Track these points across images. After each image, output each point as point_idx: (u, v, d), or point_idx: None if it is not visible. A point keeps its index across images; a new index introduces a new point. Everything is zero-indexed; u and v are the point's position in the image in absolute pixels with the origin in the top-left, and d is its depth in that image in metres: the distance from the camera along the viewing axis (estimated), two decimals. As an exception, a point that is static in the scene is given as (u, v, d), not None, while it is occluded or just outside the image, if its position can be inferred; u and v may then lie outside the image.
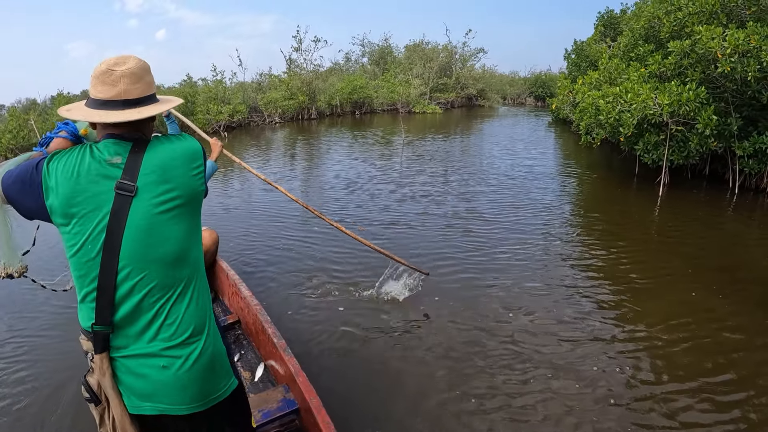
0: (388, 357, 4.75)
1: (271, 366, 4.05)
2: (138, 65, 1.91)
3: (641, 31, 13.32)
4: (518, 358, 4.74)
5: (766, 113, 11.01)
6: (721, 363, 4.66)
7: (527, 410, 4.00)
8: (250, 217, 9.77)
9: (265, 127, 26.21)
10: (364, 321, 5.47)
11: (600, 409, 3.99)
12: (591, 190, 12.21)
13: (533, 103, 46.60)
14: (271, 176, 13.13)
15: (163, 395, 1.88)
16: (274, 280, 6.58)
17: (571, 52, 22.68)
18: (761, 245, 8.16)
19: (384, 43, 44.34)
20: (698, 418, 3.90)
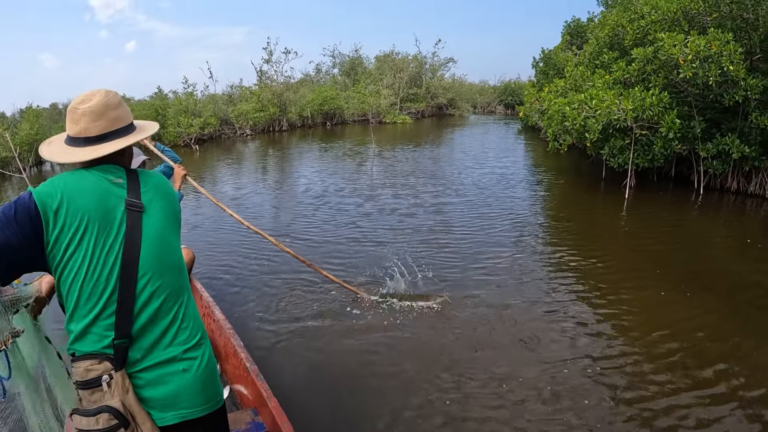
0: (361, 381, 4.57)
1: (237, 389, 4.03)
2: (100, 102, 1.99)
3: (606, 39, 13.61)
4: (494, 374, 4.65)
5: (729, 116, 11.36)
6: (691, 358, 4.81)
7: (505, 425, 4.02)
8: (216, 234, 9.36)
9: (237, 140, 26.14)
10: (335, 343, 5.24)
11: (579, 418, 4.09)
12: (560, 196, 12.43)
13: (503, 111, 47.15)
14: (242, 190, 13.10)
15: (185, 400, 1.92)
16: (243, 300, 6.29)
17: (539, 60, 22.99)
18: (727, 243, 8.42)
19: (354, 54, 44.58)
20: (671, 417, 4.03)
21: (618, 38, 13.23)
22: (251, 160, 19.61)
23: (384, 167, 16.19)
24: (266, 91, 28.95)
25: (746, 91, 9.76)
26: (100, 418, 1.80)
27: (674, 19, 11.25)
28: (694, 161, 12.22)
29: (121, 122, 2.04)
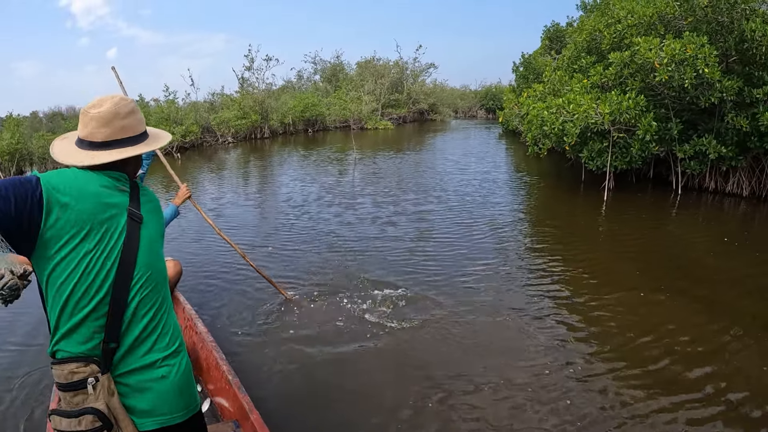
0: (345, 391, 4.49)
1: (218, 401, 3.99)
2: (110, 110, 2.00)
3: (584, 44, 13.82)
4: (476, 380, 4.64)
5: (705, 117, 11.58)
6: (673, 358, 4.91)
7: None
8: (199, 245, 9.02)
9: (218, 147, 26.04)
10: (318, 355, 5.12)
11: (564, 422, 4.17)
12: (541, 199, 12.61)
13: (484, 116, 47.46)
14: (223, 199, 12.94)
15: (164, 406, 1.96)
16: (226, 313, 6.12)
17: (519, 65, 23.21)
18: (705, 242, 8.56)
19: (336, 61, 44.69)
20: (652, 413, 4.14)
21: (595, 43, 13.44)
22: (233, 168, 19.39)
23: (366, 174, 16.11)
24: (247, 98, 28.90)
25: (722, 92, 9.96)
26: (83, 420, 1.82)
27: (650, 24, 11.48)
28: (671, 162, 12.44)
29: (128, 131, 2.04)
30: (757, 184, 11.53)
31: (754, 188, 11.56)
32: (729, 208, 10.88)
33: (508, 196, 12.64)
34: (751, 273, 7.07)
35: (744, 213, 10.45)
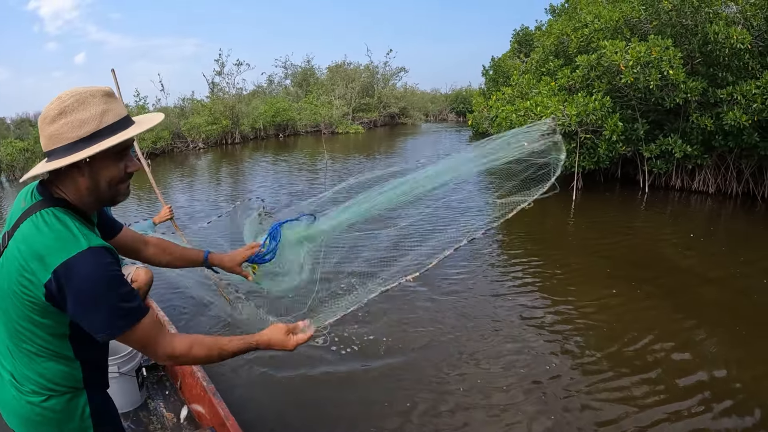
0: (320, 398, 4.49)
1: (195, 408, 3.91)
2: (44, 115, 1.63)
3: (551, 47, 14.10)
4: (452, 387, 4.76)
5: (671, 117, 11.92)
6: (645, 353, 5.10)
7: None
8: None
9: (189, 153, 25.83)
10: (293, 360, 5.05)
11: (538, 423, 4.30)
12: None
13: (455, 119, 47.69)
14: (195, 205, 12.78)
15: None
16: (199, 319, 6.15)
17: (489, 68, 23.46)
18: (673, 239, 8.85)
19: (306, 65, 44.62)
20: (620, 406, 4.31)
21: (563, 46, 13.72)
22: (204, 174, 19.12)
23: (337, 180, 15.98)
24: (218, 103, 28.78)
25: (686, 93, 10.27)
26: None
27: (616, 27, 11.78)
28: (638, 162, 12.76)
29: (56, 141, 1.61)
30: (723, 181, 11.91)
31: (720, 185, 11.94)
32: (696, 205, 11.22)
33: (478, 198, 12.77)
34: (716, 266, 7.36)
35: (710, 209, 10.79)
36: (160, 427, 3.87)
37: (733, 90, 9.94)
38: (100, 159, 1.63)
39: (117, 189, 1.72)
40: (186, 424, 3.88)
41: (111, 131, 1.64)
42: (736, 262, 7.52)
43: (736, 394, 4.27)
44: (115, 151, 1.66)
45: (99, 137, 1.61)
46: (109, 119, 1.64)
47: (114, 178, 1.68)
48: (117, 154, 1.67)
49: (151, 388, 4.31)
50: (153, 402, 4.15)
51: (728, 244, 8.34)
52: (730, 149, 11.21)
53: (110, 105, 1.67)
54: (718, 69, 10.68)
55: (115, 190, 1.72)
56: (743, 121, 9.61)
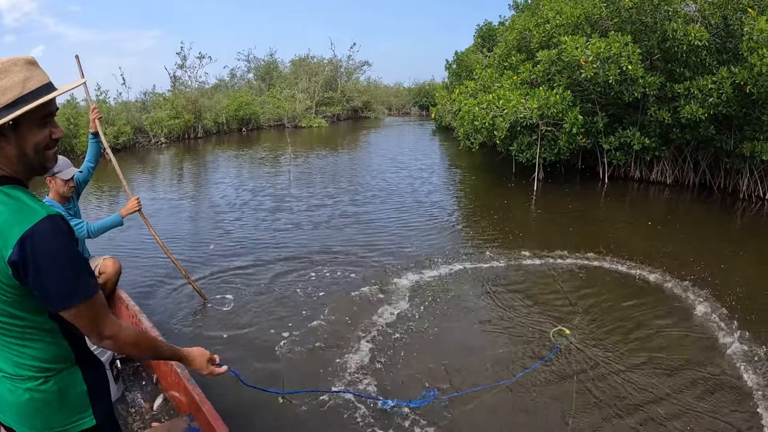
0: (289, 377, 4.54)
1: (172, 396, 3.92)
2: None
3: (514, 42, 14.36)
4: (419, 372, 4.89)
5: (630, 111, 12.31)
6: (606, 327, 5.33)
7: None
8: (139, 242, 8.59)
9: (151, 149, 25.38)
10: (269, 343, 5.15)
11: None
12: (474, 191, 13.06)
13: (418, 113, 47.97)
14: (159, 202, 12.38)
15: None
16: (171, 307, 6.06)
17: (452, 62, 23.70)
18: (632, 226, 9.24)
19: (269, 59, 44.32)
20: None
21: (525, 41, 14.00)
22: (166, 169, 18.53)
23: (301, 174, 15.83)
24: (180, 97, 28.46)
25: (645, 88, 10.63)
26: None
27: (578, 24, 12.08)
28: (598, 154, 13.14)
29: None
30: (680, 172, 12.36)
31: (677, 176, 12.39)
32: (654, 195, 11.62)
33: (442, 190, 13.01)
34: (671, 249, 7.76)
35: (668, 199, 11.19)
36: (139, 418, 3.89)
37: (690, 85, 10.32)
38: (26, 125, 1.62)
39: (45, 155, 1.70)
40: (162, 412, 3.92)
41: (34, 97, 1.61)
42: (690, 247, 7.91)
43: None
44: (40, 117, 1.65)
45: (22, 103, 1.58)
46: (31, 85, 1.62)
47: (39, 143, 1.66)
48: (42, 120, 1.66)
49: (127, 380, 4.31)
50: (130, 394, 4.16)
51: (685, 231, 8.68)
52: (687, 142, 11.63)
53: (33, 72, 1.65)
54: (676, 65, 11.05)
55: (43, 156, 1.70)
56: (699, 114, 9.99)
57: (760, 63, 8.83)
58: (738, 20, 10.15)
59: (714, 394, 4.18)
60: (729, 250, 7.81)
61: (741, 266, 7.22)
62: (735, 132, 10.91)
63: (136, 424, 3.82)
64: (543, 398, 4.19)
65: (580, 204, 10.90)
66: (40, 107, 1.62)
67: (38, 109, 1.62)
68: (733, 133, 10.91)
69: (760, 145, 9.95)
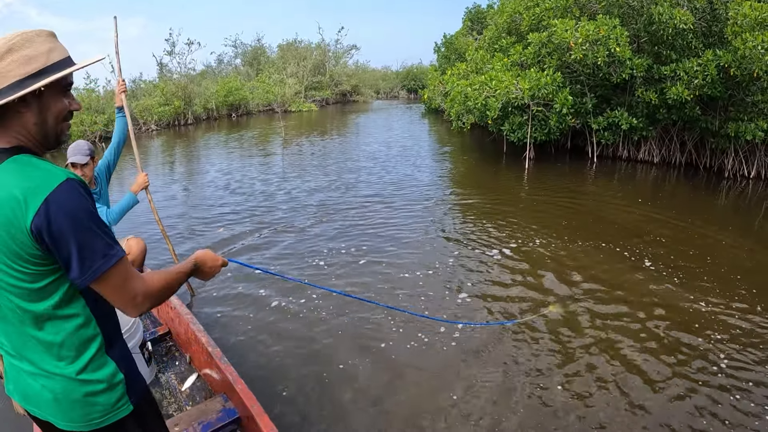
0: (325, 359, 4.57)
1: (206, 375, 3.89)
2: None
3: (504, 25, 14.63)
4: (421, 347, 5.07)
5: (618, 92, 12.61)
6: (598, 295, 5.62)
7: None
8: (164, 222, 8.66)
9: (142, 136, 25.29)
10: (295, 326, 5.20)
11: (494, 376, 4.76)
12: (466, 170, 13.35)
13: (406, 96, 47.99)
14: (152, 189, 12.53)
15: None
16: (200, 287, 6.14)
17: (441, 45, 23.85)
18: (621, 202, 9.54)
19: (257, 44, 44.13)
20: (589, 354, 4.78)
21: (515, 24, 14.25)
22: (157, 156, 18.26)
23: (293, 158, 15.89)
24: (170, 84, 28.41)
25: (632, 69, 10.91)
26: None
27: (566, 7, 12.33)
28: (587, 133, 13.46)
29: (3, 79, 1.58)
30: (667, 151, 12.70)
31: (664, 155, 12.74)
32: (641, 173, 11.95)
33: (435, 169, 13.30)
34: (663, 226, 8.08)
35: (655, 177, 11.51)
36: (174, 400, 3.83)
37: (676, 67, 10.63)
38: (49, 94, 1.65)
39: (62, 126, 1.73)
40: (196, 392, 3.87)
41: (58, 68, 1.64)
42: (684, 223, 8.23)
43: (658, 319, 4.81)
44: (62, 86, 1.68)
45: (47, 73, 1.61)
46: (55, 57, 1.65)
47: (61, 113, 1.69)
48: (63, 90, 1.69)
49: (160, 362, 4.26)
50: (164, 375, 4.09)
51: (675, 208, 9.01)
52: (673, 122, 11.97)
53: (55, 44, 1.68)
54: (663, 47, 11.34)
55: (60, 128, 1.73)
56: (685, 95, 10.29)
57: (743, 46, 9.14)
58: (723, 5, 10.43)
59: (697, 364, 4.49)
60: (715, 227, 8.12)
61: (726, 242, 7.49)
62: (720, 113, 11.24)
63: (171, 407, 3.75)
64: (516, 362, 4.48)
65: (570, 182, 11.23)
66: (62, 78, 1.65)
67: (61, 80, 1.65)
68: (718, 114, 11.24)
69: (744, 125, 10.28)
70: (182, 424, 3.24)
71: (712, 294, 5.72)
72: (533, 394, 4.03)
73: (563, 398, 3.97)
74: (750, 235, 7.79)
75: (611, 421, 3.72)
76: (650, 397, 3.97)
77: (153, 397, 2.07)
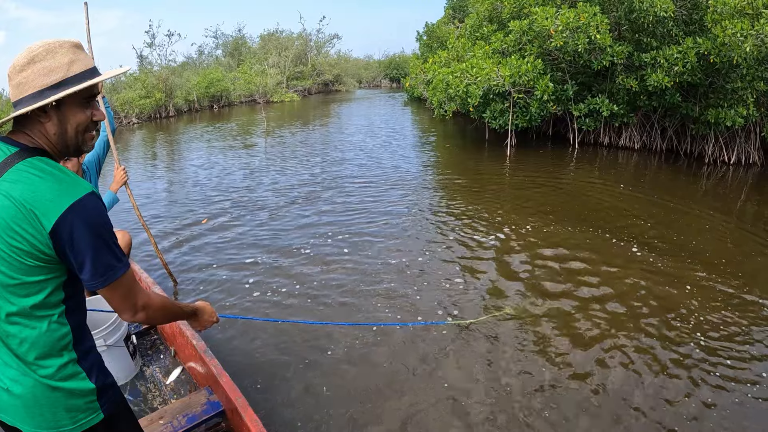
0: (305, 352, 4.54)
1: (190, 368, 3.90)
2: (14, 65, 1.68)
3: (485, 13, 14.64)
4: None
5: (599, 79, 12.68)
6: (580, 274, 5.66)
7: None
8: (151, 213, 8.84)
9: (123, 129, 24.99)
10: (280, 317, 5.14)
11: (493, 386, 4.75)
12: (449, 157, 13.39)
13: (389, 85, 48.09)
14: (132, 185, 12.32)
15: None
16: (185, 280, 6.09)
17: (423, 33, 23.83)
18: (602, 188, 9.62)
19: (238, 34, 43.85)
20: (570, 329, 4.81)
21: (496, 12, 14.26)
22: (139, 150, 17.90)
23: (277, 145, 15.97)
24: (150, 76, 28.16)
25: (612, 56, 10.99)
26: None
27: (548, -6, 12.36)
28: (569, 120, 13.59)
29: (24, 89, 1.64)
30: (648, 138, 12.82)
31: (645, 142, 12.86)
32: (623, 159, 12.04)
33: (418, 157, 13.36)
34: (648, 210, 8.18)
35: (636, 163, 11.60)
36: (159, 393, 3.83)
37: (656, 54, 10.73)
38: (69, 105, 1.68)
39: (84, 137, 1.76)
40: (181, 386, 3.87)
41: (78, 80, 1.67)
42: (666, 207, 8.34)
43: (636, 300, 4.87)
44: (83, 97, 1.70)
45: (66, 85, 1.64)
46: (76, 69, 1.68)
47: (81, 124, 1.72)
48: (84, 101, 1.71)
49: (145, 355, 4.26)
50: (149, 368, 4.10)
51: (657, 193, 9.11)
52: (654, 109, 12.07)
53: (78, 56, 1.71)
54: (644, 35, 11.43)
55: (81, 138, 1.75)
56: (666, 82, 10.38)
57: (723, 34, 9.22)
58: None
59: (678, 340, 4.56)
60: (696, 211, 8.22)
61: (710, 226, 7.58)
62: (700, 99, 11.36)
63: (156, 400, 3.76)
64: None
65: (552, 168, 11.31)
66: (84, 89, 1.68)
67: (82, 91, 1.68)
68: (698, 101, 11.35)
69: (724, 112, 10.40)
70: (167, 416, 3.23)
71: (696, 277, 5.79)
72: (515, 382, 4.07)
73: (552, 381, 4.01)
74: (731, 220, 7.89)
75: (601, 405, 3.77)
76: (634, 388, 4.02)
77: (127, 403, 2.06)
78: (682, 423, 3.58)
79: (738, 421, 3.59)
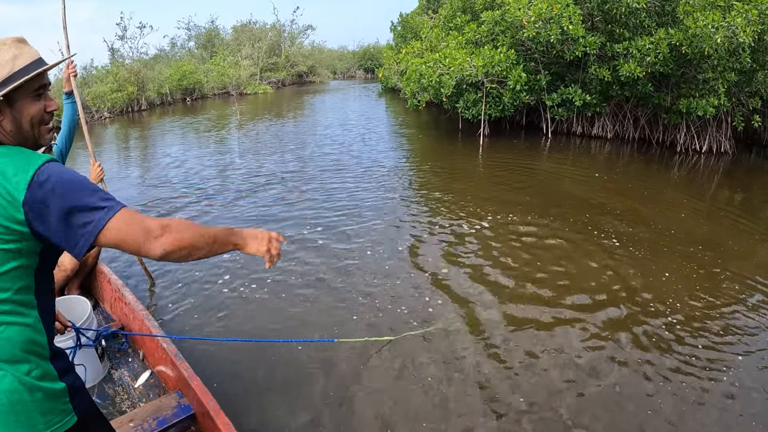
0: (277, 357, 4.46)
1: (160, 372, 3.83)
2: None
3: (459, 4, 14.69)
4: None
5: (572, 69, 12.74)
6: (553, 263, 5.68)
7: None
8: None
9: (95, 124, 24.61)
10: (255, 320, 5.11)
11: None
12: (422, 147, 13.42)
13: (363, 76, 47.86)
14: (107, 181, 12.14)
15: None
16: (159, 276, 6.03)
17: (397, 24, 23.77)
18: (575, 177, 9.76)
19: (211, 26, 43.28)
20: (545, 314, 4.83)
21: (470, 3, 14.34)
22: (111, 144, 17.54)
23: (249, 139, 15.71)
24: (122, 69, 27.74)
25: (585, 47, 11.04)
26: None
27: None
28: (542, 110, 13.67)
29: None
30: (620, 127, 12.94)
31: (618, 131, 12.97)
32: (596, 148, 12.18)
33: (391, 147, 13.34)
34: (621, 199, 8.26)
35: (609, 152, 11.74)
36: (127, 397, 3.76)
37: (629, 45, 10.82)
38: (20, 100, 1.67)
39: (40, 130, 1.74)
40: (149, 389, 3.81)
41: (24, 73, 1.66)
42: (640, 195, 8.47)
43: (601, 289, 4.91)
44: (34, 90, 1.69)
45: (13, 80, 1.63)
46: (21, 63, 1.67)
47: (35, 116, 1.70)
48: (35, 93, 1.70)
49: (113, 357, 4.17)
50: (117, 371, 4.02)
51: (630, 181, 9.27)
52: (626, 98, 12.17)
53: (22, 50, 1.70)
54: (616, 26, 11.53)
55: (38, 131, 1.74)
56: (638, 72, 10.47)
57: (694, 25, 9.34)
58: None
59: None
60: (669, 199, 8.33)
61: (685, 214, 7.65)
62: (672, 89, 11.49)
63: (124, 404, 3.68)
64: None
65: (525, 157, 11.39)
66: (33, 81, 1.67)
67: (30, 83, 1.67)
68: (670, 91, 11.49)
69: (696, 102, 10.54)
70: (137, 419, 3.18)
71: (671, 264, 5.87)
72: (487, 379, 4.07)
73: (525, 382, 4.03)
74: (703, 207, 8.02)
75: (583, 403, 3.78)
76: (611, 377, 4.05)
77: (97, 407, 2.02)
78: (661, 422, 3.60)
79: (721, 408, 3.63)
